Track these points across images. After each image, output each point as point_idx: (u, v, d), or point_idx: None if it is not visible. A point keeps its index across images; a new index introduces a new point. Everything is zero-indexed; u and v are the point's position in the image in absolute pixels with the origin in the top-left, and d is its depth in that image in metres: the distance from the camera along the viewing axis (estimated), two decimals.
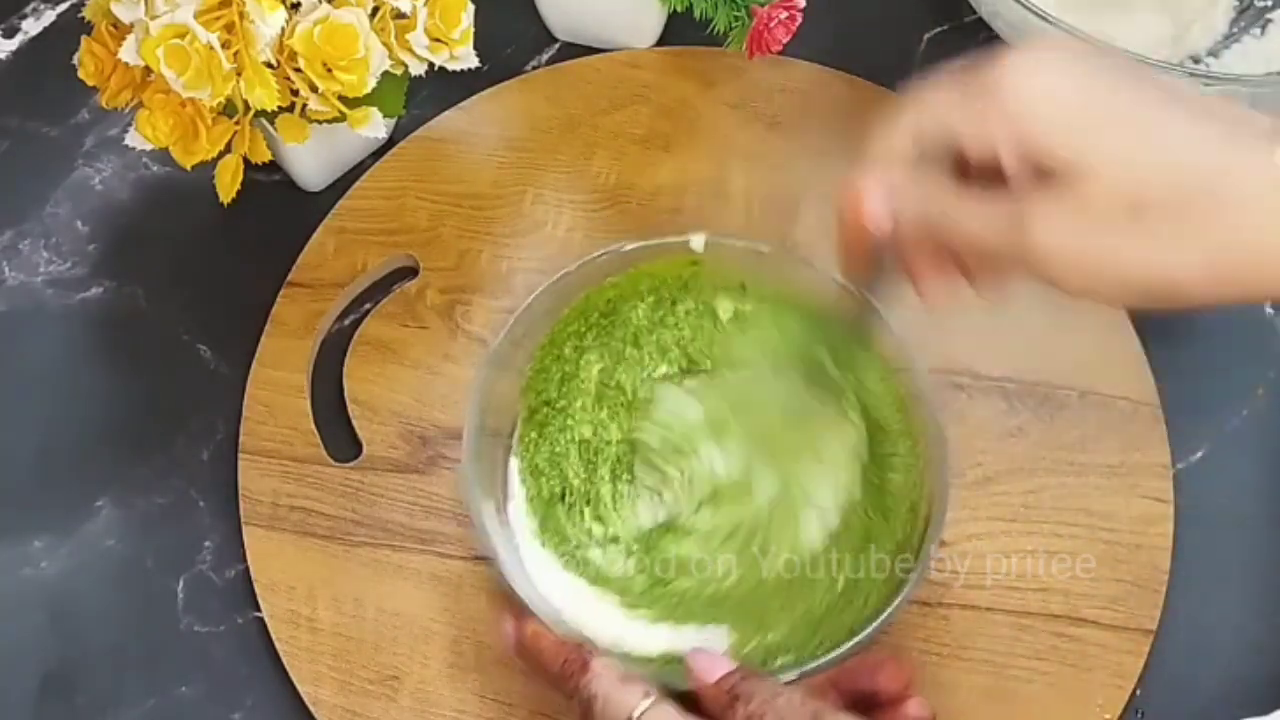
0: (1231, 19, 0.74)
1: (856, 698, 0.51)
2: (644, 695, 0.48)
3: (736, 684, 0.48)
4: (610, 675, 0.49)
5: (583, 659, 0.50)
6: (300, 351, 0.64)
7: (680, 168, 0.69)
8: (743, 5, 0.66)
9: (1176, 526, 0.60)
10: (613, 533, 0.58)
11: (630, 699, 0.48)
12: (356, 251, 0.66)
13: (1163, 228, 0.40)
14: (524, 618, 0.52)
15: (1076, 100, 0.42)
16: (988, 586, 0.59)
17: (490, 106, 0.71)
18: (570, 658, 0.50)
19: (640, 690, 0.48)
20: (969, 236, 0.44)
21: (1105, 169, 0.41)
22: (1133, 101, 0.42)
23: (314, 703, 0.57)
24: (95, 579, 0.61)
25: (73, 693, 0.58)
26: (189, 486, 0.62)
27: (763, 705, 0.46)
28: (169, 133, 0.59)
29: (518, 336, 0.58)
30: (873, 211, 0.46)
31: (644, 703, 0.47)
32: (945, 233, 0.45)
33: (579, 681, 0.49)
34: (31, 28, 0.75)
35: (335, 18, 0.57)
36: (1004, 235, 0.43)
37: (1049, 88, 0.42)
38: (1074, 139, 0.41)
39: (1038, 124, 0.42)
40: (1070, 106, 0.42)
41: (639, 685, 0.48)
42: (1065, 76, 0.42)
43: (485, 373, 0.57)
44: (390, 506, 0.61)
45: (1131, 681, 0.57)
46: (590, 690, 0.49)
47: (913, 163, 0.45)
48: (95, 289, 0.68)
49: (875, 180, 0.46)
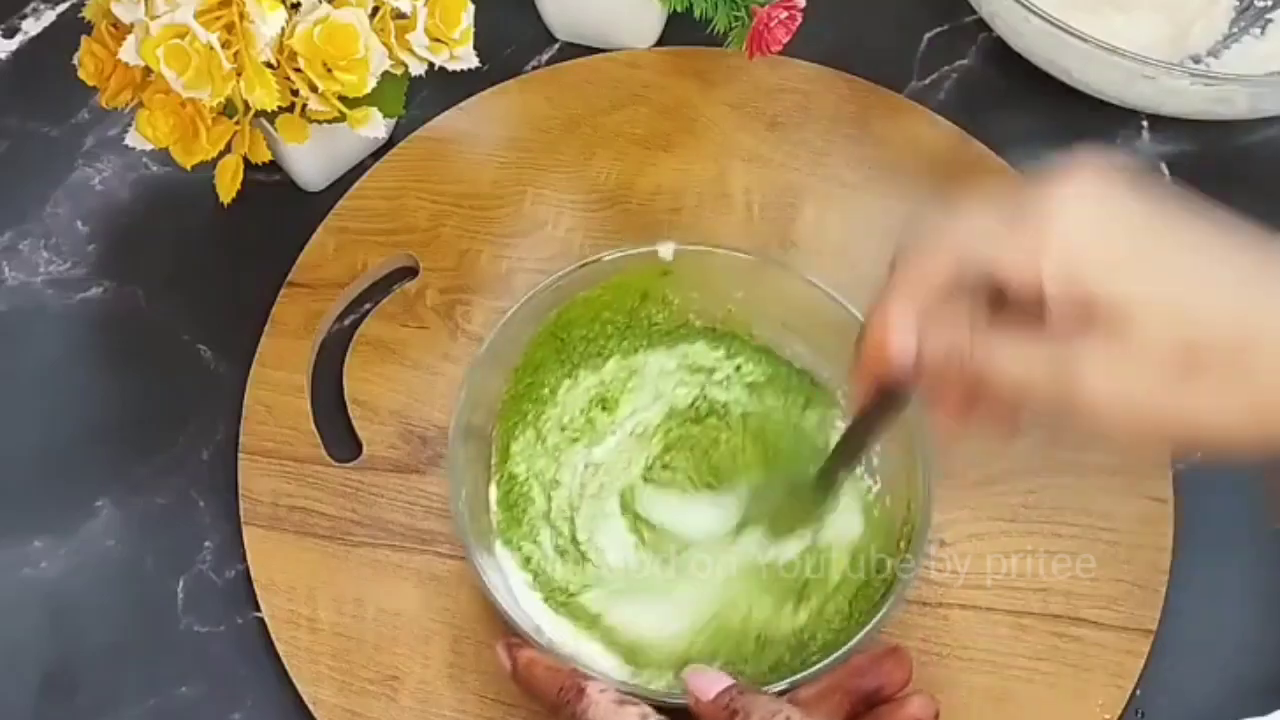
0: (1231, 19, 0.74)
1: (863, 695, 0.51)
2: (640, 717, 0.48)
3: (734, 699, 0.47)
4: (606, 700, 0.48)
5: (577, 685, 0.49)
6: (300, 351, 0.64)
7: (680, 168, 0.69)
8: (743, 5, 0.66)
9: (1176, 526, 0.60)
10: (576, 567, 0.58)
11: None
12: (356, 251, 0.66)
13: (1212, 378, 0.40)
14: (517, 645, 0.52)
15: (1127, 241, 0.41)
16: (988, 586, 0.59)
17: (490, 106, 0.71)
18: (565, 685, 0.50)
19: (637, 714, 0.48)
20: (1009, 378, 0.42)
21: (1156, 316, 0.40)
22: (1181, 243, 0.41)
23: (314, 703, 0.57)
24: (95, 579, 0.61)
25: (73, 693, 0.58)
26: (189, 486, 0.62)
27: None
28: (169, 133, 0.59)
29: (496, 352, 0.58)
30: (900, 342, 0.44)
31: None
32: (981, 370, 0.43)
33: (576, 708, 0.49)
34: (31, 28, 0.75)
35: (335, 18, 0.57)
36: (1049, 380, 0.41)
37: (1099, 226, 0.41)
38: (1124, 282, 0.40)
39: (1087, 264, 0.41)
40: (1121, 247, 0.41)
41: (635, 708, 0.48)
42: (1116, 213, 0.41)
43: (464, 392, 0.56)
44: (390, 506, 0.61)
45: (1131, 681, 0.57)
46: (587, 717, 0.48)
47: (947, 292, 0.43)
48: (95, 289, 0.67)
49: (905, 308, 0.44)
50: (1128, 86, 0.66)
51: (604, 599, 0.57)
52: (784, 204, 0.67)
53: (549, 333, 0.60)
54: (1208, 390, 0.40)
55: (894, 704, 0.50)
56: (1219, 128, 0.70)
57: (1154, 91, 0.66)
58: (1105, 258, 0.41)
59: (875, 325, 0.44)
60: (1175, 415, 0.41)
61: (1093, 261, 0.41)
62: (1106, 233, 0.41)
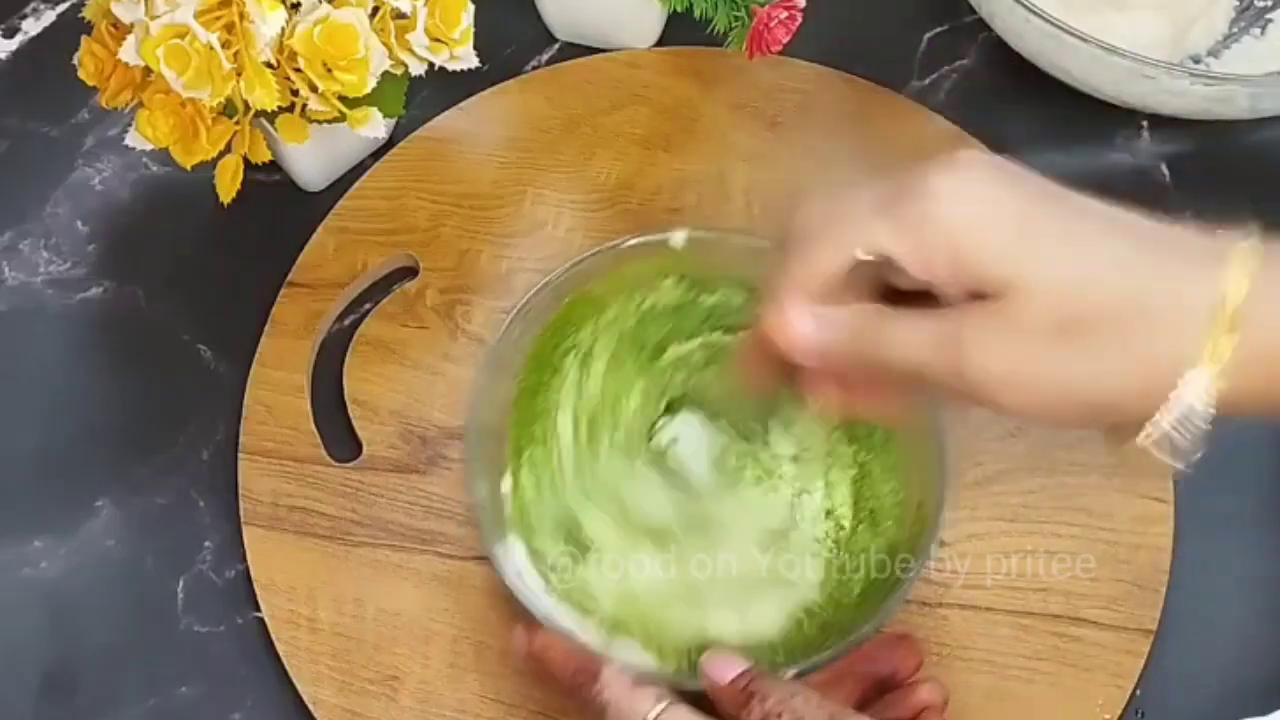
0: (1231, 19, 0.74)
1: (875, 681, 0.52)
2: (656, 700, 0.48)
3: (751, 682, 0.48)
4: (620, 682, 0.49)
5: (592, 668, 0.50)
6: (300, 351, 0.64)
7: (680, 168, 0.69)
8: (743, 5, 0.66)
9: (1176, 526, 0.60)
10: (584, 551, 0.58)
11: (642, 705, 0.48)
12: (356, 251, 0.66)
13: (1101, 348, 0.40)
14: (533, 627, 0.52)
15: (1014, 221, 0.41)
16: (988, 586, 0.59)
17: (490, 106, 0.71)
18: (580, 668, 0.50)
19: (652, 695, 0.48)
20: (903, 361, 0.43)
21: (1041, 287, 0.40)
22: (1069, 224, 0.41)
23: (314, 703, 0.57)
24: (95, 579, 0.61)
25: (73, 693, 0.58)
26: (189, 486, 0.62)
27: (779, 704, 0.46)
28: (169, 133, 0.59)
29: (512, 340, 0.58)
30: (800, 337, 0.44)
31: (657, 707, 0.48)
32: (876, 357, 0.43)
33: (590, 691, 0.49)
34: (31, 28, 0.75)
35: (335, 18, 0.57)
36: (939, 356, 0.42)
37: (984, 207, 0.41)
38: (1011, 258, 0.41)
39: (974, 246, 0.41)
40: (1008, 227, 0.41)
41: (651, 690, 0.48)
42: (1000, 196, 0.42)
43: (482, 378, 0.57)
44: (390, 506, 0.61)
45: (1131, 681, 0.57)
46: (602, 699, 0.49)
47: (838, 278, 0.44)
48: (95, 289, 0.67)
49: (800, 304, 0.44)
50: (1128, 86, 0.66)
51: (616, 590, 0.57)
52: (784, 204, 0.67)
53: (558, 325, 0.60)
54: (1096, 359, 0.40)
55: (904, 690, 0.51)
56: (1219, 128, 0.70)
57: (1154, 91, 0.66)
58: (992, 239, 0.41)
59: (772, 314, 0.45)
60: (1064, 385, 0.41)
61: (979, 244, 0.41)
62: (992, 214, 0.41)
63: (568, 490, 0.59)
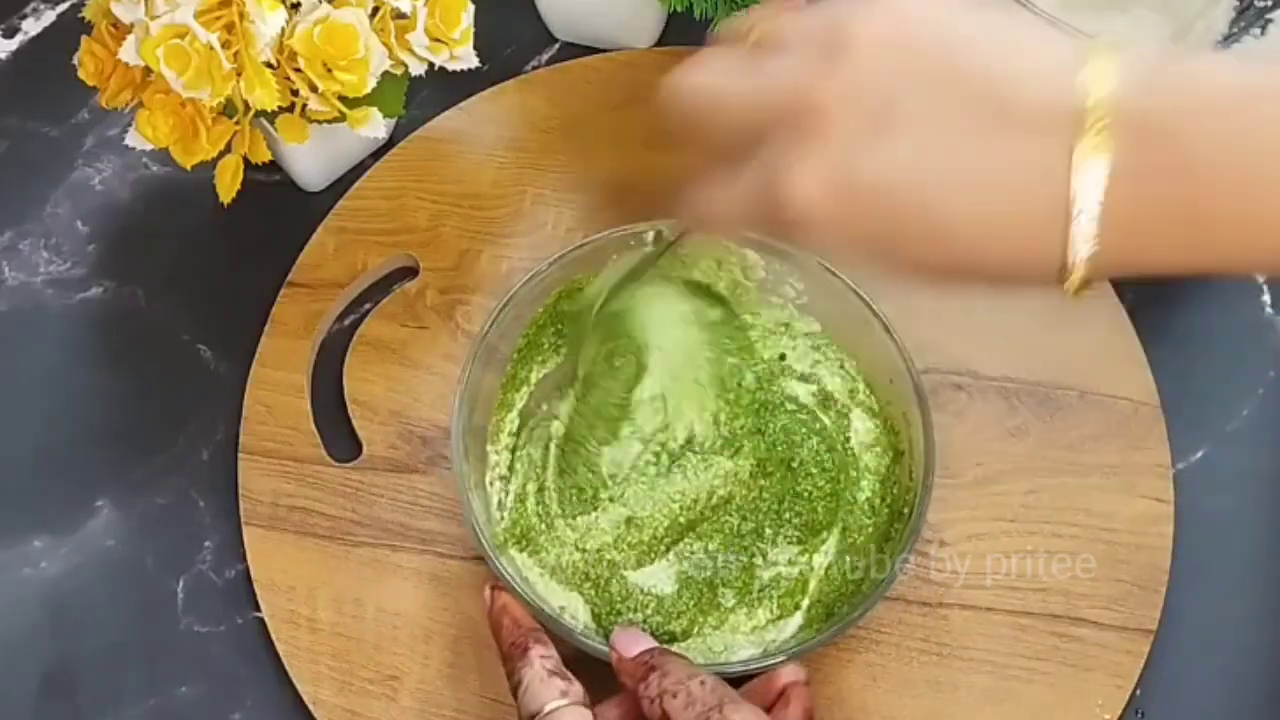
0: (1231, 19, 0.74)
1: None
2: (560, 695, 0.49)
3: (654, 657, 0.48)
4: (540, 667, 0.50)
5: (524, 644, 0.51)
6: (300, 351, 0.64)
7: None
8: (743, 5, 0.66)
9: (1176, 526, 0.60)
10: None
11: (546, 694, 0.49)
12: (356, 251, 0.66)
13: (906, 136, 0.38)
14: (499, 588, 0.53)
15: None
16: (988, 586, 0.59)
17: (490, 106, 0.71)
18: (516, 641, 0.51)
19: (559, 689, 0.49)
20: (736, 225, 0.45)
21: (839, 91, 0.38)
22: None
23: (314, 703, 0.57)
24: (95, 579, 0.61)
25: (73, 693, 0.58)
26: (189, 486, 0.62)
27: (677, 684, 0.47)
28: (169, 133, 0.59)
29: (499, 334, 0.58)
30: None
31: (557, 701, 0.48)
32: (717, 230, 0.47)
33: (516, 664, 0.50)
34: (31, 28, 0.75)
35: (335, 18, 0.57)
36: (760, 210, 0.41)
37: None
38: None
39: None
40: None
41: (560, 684, 0.49)
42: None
43: (470, 370, 0.57)
44: (390, 506, 0.61)
45: (1131, 681, 0.57)
46: (519, 675, 0.50)
47: None
48: (95, 289, 0.68)
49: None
50: None
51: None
52: None
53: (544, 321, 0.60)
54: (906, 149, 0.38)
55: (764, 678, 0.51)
56: None
57: None
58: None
59: None
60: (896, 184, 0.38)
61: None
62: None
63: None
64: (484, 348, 0.57)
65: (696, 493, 0.59)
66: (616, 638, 0.50)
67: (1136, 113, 0.36)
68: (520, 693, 0.49)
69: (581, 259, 0.59)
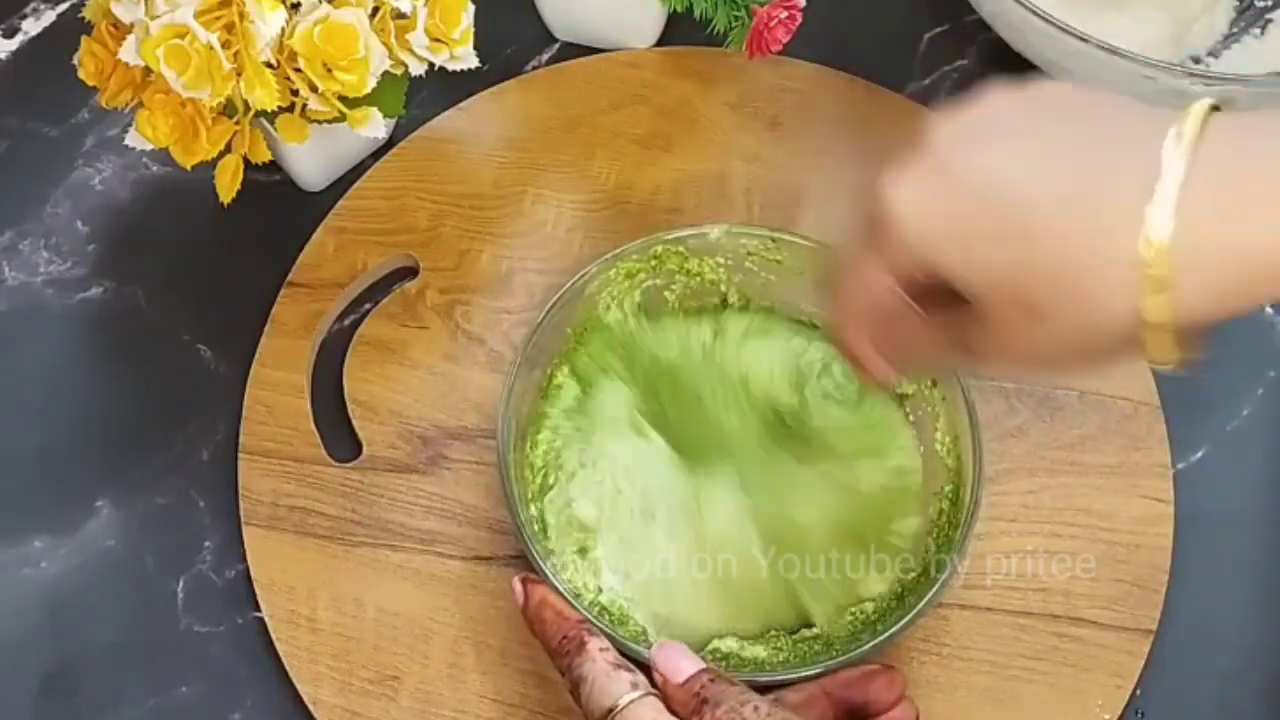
0: (1231, 19, 0.74)
1: (848, 706, 0.51)
2: (631, 687, 0.47)
3: (705, 686, 0.47)
4: (603, 661, 0.48)
5: (580, 638, 0.49)
6: (300, 351, 0.64)
7: (680, 168, 0.69)
8: (743, 5, 0.66)
9: (1176, 526, 0.60)
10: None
11: (617, 688, 0.47)
12: (356, 251, 0.66)
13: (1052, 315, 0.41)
14: (531, 582, 0.52)
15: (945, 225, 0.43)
16: (988, 586, 0.59)
17: (490, 106, 0.71)
18: (569, 634, 0.50)
19: (628, 681, 0.48)
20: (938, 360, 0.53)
21: (987, 280, 0.42)
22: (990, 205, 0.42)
23: (314, 703, 0.57)
24: (95, 579, 0.61)
25: (73, 693, 0.58)
26: (189, 486, 0.62)
27: (730, 713, 0.46)
28: (169, 133, 0.59)
29: (539, 344, 0.59)
30: (880, 372, 0.49)
31: (630, 695, 0.47)
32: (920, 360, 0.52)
33: (573, 660, 0.49)
34: (31, 28, 0.75)
35: (335, 18, 0.57)
36: (959, 358, 0.47)
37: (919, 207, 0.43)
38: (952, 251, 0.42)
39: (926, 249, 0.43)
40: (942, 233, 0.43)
41: (628, 676, 0.48)
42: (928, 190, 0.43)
43: (513, 379, 0.57)
44: (390, 506, 0.61)
45: (1131, 681, 0.57)
46: (581, 672, 0.48)
47: (881, 303, 0.46)
48: (95, 289, 0.68)
49: (859, 335, 0.48)
50: (1128, 87, 0.66)
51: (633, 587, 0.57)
52: (784, 204, 0.67)
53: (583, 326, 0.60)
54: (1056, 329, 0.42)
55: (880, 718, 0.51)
56: None
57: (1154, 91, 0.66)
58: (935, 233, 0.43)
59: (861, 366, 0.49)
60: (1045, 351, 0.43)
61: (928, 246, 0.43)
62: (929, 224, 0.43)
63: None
64: (529, 354, 0.58)
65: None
66: (660, 656, 0.48)
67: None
68: (585, 690, 0.48)
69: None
